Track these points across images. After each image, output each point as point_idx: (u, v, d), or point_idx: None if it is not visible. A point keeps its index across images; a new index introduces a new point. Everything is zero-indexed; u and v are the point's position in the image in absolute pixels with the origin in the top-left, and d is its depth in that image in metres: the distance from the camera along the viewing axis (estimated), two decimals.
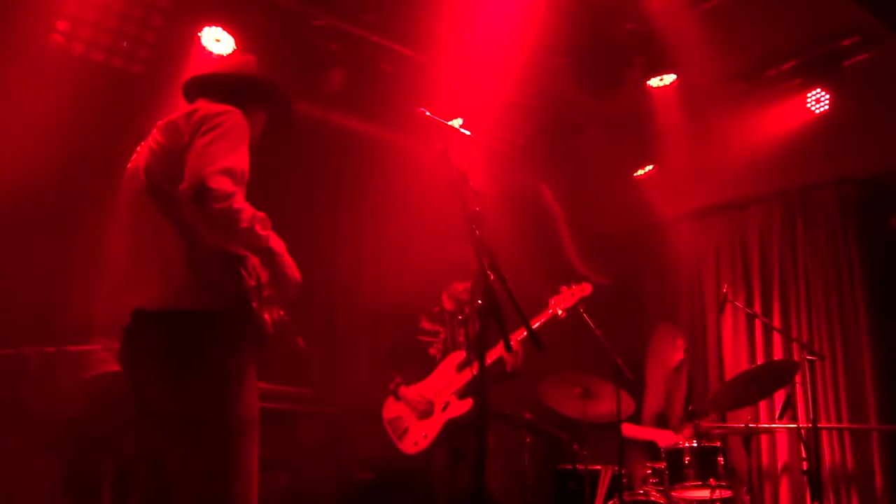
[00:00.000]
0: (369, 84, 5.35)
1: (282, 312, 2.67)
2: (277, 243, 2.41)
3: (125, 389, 2.41)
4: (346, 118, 5.72)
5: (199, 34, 4.61)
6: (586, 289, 4.48)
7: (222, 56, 2.91)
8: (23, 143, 4.58)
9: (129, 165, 2.58)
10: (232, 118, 2.36)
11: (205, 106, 2.43)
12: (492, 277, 2.21)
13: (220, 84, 2.66)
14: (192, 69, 4.77)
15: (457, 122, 2.50)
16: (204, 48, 4.65)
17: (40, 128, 4.69)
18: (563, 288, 4.47)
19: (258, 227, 2.29)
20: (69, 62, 4.56)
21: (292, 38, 4.96)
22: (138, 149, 2.58)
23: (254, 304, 2.34)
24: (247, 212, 2.24)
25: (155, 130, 2.51)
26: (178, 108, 2.60)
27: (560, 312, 4.41)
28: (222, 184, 2.17)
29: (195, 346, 2.27)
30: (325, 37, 5.07)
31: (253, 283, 2.35)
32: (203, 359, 2.27)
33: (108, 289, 2.60)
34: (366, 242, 6.27)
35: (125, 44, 4.67)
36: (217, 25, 4.62)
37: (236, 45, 4.68)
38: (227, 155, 2.25)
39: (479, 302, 2.16)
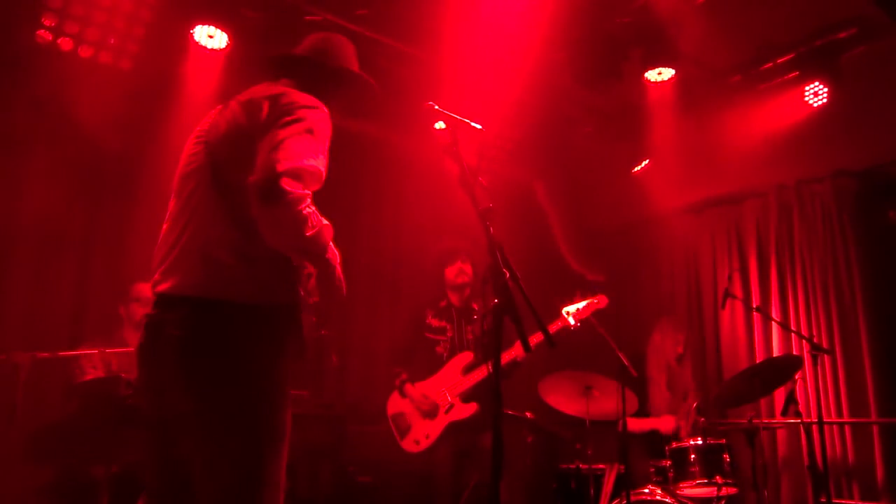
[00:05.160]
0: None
1: (323, 330, 2.53)
2: (334, 255, 2.21)
3: (129, 391, 2.25)
4: (341, 114, 5.63)
5: (191, 31, 4.52)
6: (602, 301, 4.42)
7: (316, 36, 2.66)
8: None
9: (198, 129, 2.33)
10: (318, 115, 2.17)
11: (293, 93, 2.21)
12: (507, 275, 2.11)
13: (313, 69, 2.47)
14: (184, 64, 4.71)
15: None
16: (197, 43, 4.58)
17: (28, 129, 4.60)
18: (578, 298, 4.40)
19: (323, 238, 2.11)
20: (56, 58, 4.47)
21: (285, 34, 4.87)
22: (213, 114, 2.34)
23: (302, 316, 2.17)
24: (315, 218, 2.06)
25: (235, 104, 2.26)
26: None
27: (573, 323, 4.35)
28: (295, 186, 1.99)
29: (236, 341, 2.05)
30: (318, 32, 4.98)
31: (303, 294, 2.19)
32: (244, 356, 2.06)
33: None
34: (360, 240, 6.20)
35: (112, 40, 4.59)
36: (208, 20, 4.53)
37: (229, 40, 4.60)
38: (308, 155, 2.06)
39: (496, 301, 2.07)
